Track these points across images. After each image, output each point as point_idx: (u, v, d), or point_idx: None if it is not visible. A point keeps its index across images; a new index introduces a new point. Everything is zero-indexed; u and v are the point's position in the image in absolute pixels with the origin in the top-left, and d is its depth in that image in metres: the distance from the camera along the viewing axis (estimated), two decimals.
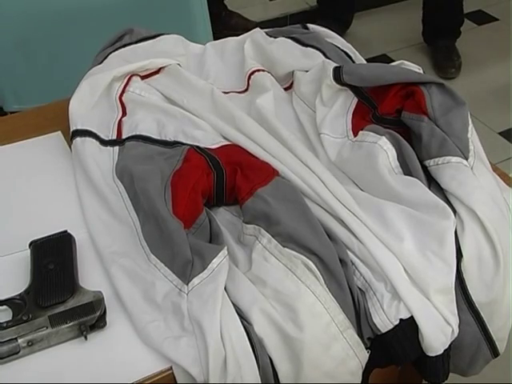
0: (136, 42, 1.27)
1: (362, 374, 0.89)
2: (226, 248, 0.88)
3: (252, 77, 1.24)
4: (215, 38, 1.48)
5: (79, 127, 1.10)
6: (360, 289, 0.90)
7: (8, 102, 1.61)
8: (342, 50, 1.30)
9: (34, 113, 1.25)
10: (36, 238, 0.94)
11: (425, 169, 1.01)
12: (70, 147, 1.13)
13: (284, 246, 0.89)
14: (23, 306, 0.85)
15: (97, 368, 0.82)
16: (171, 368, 0.82)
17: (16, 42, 1.60)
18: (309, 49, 1.28)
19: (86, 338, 0.83)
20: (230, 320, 0.83)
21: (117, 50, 1.24)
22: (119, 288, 0.89)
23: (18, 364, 0.82)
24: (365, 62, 1.29)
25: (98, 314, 0.84)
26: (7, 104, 1.62)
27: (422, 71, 1.15)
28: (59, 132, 1.18)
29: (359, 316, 0.88)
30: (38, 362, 0.82)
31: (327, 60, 1.21)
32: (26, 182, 1.08)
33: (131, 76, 1.19)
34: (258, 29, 1.34)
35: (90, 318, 0.83)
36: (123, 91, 1.17)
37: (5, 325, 0.83)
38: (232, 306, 0.84)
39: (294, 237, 0.90)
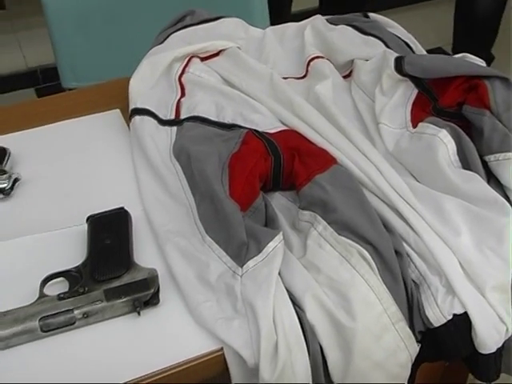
0: (197, 24, 1.27)
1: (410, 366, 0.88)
2: (281, 233, 0.88)
3: (311, 63, 1.23)
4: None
5: (138, 106, 1.11)
6: (414, 282, 0.89)
7: (66, 78, 1.63)
8: (403, 41, 1.29)
9: (94, 90, 1.27)
10: (93, 213, 0.95)
11: (484, 164, 1.00)
12: (128, 125, 1.14)
13: (339, 234, 0.89)
14: (79, 279, 0.86)
15: (148, 344, 0.83)
16: (222, 349, 0.82)
17: (76, 20, 1.61)
18: (370, 37, 1.26)
19: (139, 313, 0.84)
20: (283, 305, 0.83)
21: (178, 30, 1.25)
22: (173, 266, 0.89)
23: (73, 334, 0.83)
24: (425, 53, 1.28)
25: (152, 291, 0.84)
26: (65, 81, 1.63)
27: (485, 65, 1.13)
28: (118, 110, 1.19)
29: (412, 309, 0.87)
30: (92, 334, 0.83)
31: (388, 50, 1.20)
32: (85, 157, 1.09)
33: (191, 57, 1.19)
34: (318, 15, 1.33)
35: (144, 294, 0.84)
36: (183, 72, 1.17)
37: (62, 296, 0.84)
38: (285, 291, 0.84)
39: (350, 225, 0.89)
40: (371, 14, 1.35)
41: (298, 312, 0.83)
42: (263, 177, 0.97)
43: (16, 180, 1.02)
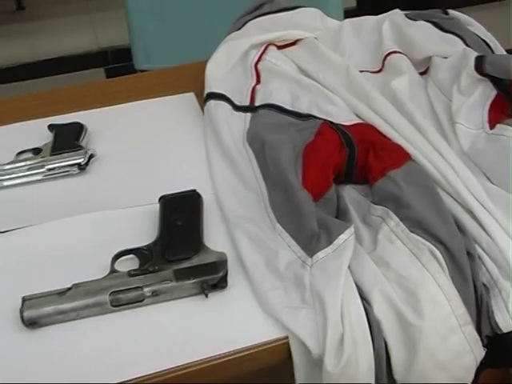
0: (275, 12, 1.27)
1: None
2: (353, 226, 0.88)
3: (388, 58, 1.21)
4: None
5: (214, 90, 1.12)
6: (484, 285, 0.87)
7: (139, 60, 1.65)
8: (483, 40, 1.26)
9: (169, 72, 1.28)
10: (164, 193, 0.96)
11: None
12: (202, 109, 1.14)
13: (411, 232, 0.88)
14: (150, 257, 0.87)
15: (214, 327, 0.83)
16: (287, 337, 0.82)
17: (152, 2, 1.63)
18: (449, 35, 1.24)
19: (206, 296, 0.85)
20: (351, 298, 0.82)
21: (256, 18, 1.25)
22: (242, 252, 0.89)
23: (140, 311, 0.84)
24: (505, 53, 1.25)
25: (220, 274, 0.85)
26: (138, 62, 1.65)
27: None
28: (192, 93, 1.19)
29: (480, 312, 0.86)
30: (159, 313, 0.84)
31: (468, 48, 1.18)
32: (158, 138, 1.10)
33: (268, 45, 1.19)
34: (397, 10, 1.32)
35: (212, 277, 0.85)
36: (259, 59, 1.17)
37: (132, 272, 0.85)
38: (354, 285, 0.84)
39: (423, 223, 0.88)
40: (451, 11, 1.33)
41: (365, 306, 0.82)
42: (336, 168, 0.97)
43: (91, 156, 1.04)
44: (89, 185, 1.02)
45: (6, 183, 1.01)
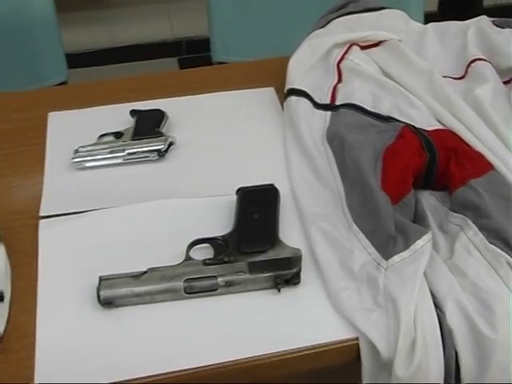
0: (360, 12, 1.26)
1: None
2: (431, 232, 0.87)
3: (472, 65, 1.19)
4: None
5: (296, 86, 1.12)
6: None
7: (217, 52, 1.66)
8: None
9: (250, 65, 1.28)
10: (241, 185, 0.97)
11: None
12: (281, 104, 1.14)
13: (490, 242, 0.86)
14: (225, 248, 0.88)
15: (284, 322, 0.83)
16: (357, 338, 0.82)
17: None
18: None
19: (279, 290, 0.85)
20: (425, 305, 0.81)
21: (340, 16, 1.24)
22: (317, 249, 0.89)
23: (213, 300, 0.85)
24: None
25: (294, 270, 0.85)
26: (216, 54, 1.66)
27: None
28: (272, 88, 1.20)
29: None
30: (231, 303, 0.85)
31: None
32: (237, 130, 1.11)
33: (351, 45, 1.19)
34: (484, 16, 1.29)
35: (286, 272, 0.85)
36: (342, 58, 1.16)
37: (207, 261, 0.86)
38: (428, 291, 0.83)
39: (503, 234, 0.87)
40: None
41: (438, 314, 0.82)
42: (416, 173, 0.96)
43: (171, 143, 1.05)
44: (167, 171, 1.03)
45: (87, 164, 1.03)
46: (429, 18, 1.37)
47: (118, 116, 1.12)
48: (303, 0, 1.65)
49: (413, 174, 0.95)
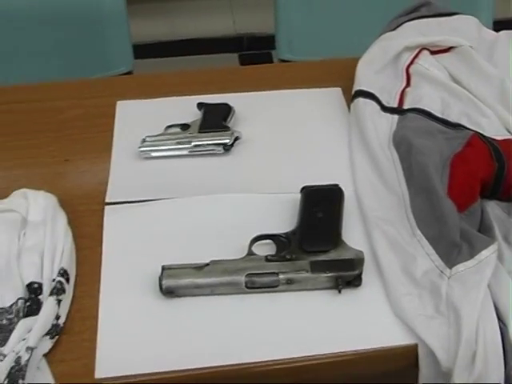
0: (432, 16, 1.24)
1: None
2: (497, 243, 0.85)
3: None
4: None
5: (364, 88, 1.11)
6: None
7: (281, 49, 1.66)
8: None
9: (316, 65, 1.28)
10: (305, 184, 0.97)
11: None
12: (347, 105, 1.14)
13: None
14: (287, 245, 0.88)
15: (343, 323, 0.83)
16: (416, 345, 0.81)
17: None
18: None
19: (339, 291, 0.85)
20: (488, 316, 0.80)
21: (412, 20, 1.23)
22: (379, 253, 0.89)
23: (273, 297, 0.85)
24: None
25: (356, 272, 0.85)
26: (280, 52, 1.66)
27: None
28: (339, 88, 1.19)
29: None
30: (291, 301, 0.85)
31: None
32: (302, 128, 1.11)
33: (422, 49, 1.17)
34: None
35: (348, 274, 0.85)
36: (411, 62, 1.15)
37: (269, 258, 0.86)
38: (492, 303, 0.82)
39: None
40: None
41: (500, 327, 0.80)
42: (484, 182, 0.94)
43: (237, 138, 1.05)
44: (232, 166, 1.03)
45: (153, 154, 1.04)
46: (499, 25, 1.35)
47: (184, 108, 1.13)
48: (370, 2, 1.64)
49: (480, 183, 0.93)
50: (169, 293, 0.84)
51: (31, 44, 1.49)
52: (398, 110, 1.08)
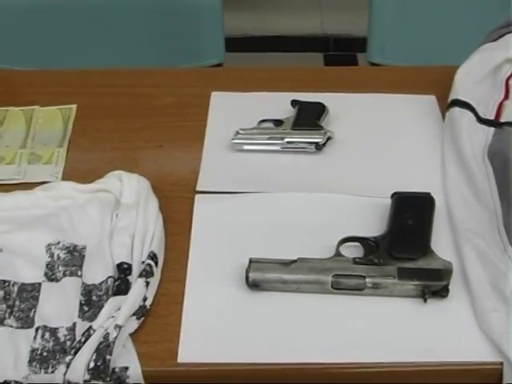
0: None
1: None
2: None
3: None
4: None
5: (460, 98, 1.09)
6: None
7: (373, 52, 1.64)
8: None
9: (411, 70, 1.26)
10: (395, 190, 0.96)
11: None
12: (441, 113, 1.12)
13: None
14: (375, 249, 0.88)
15: (426, 333, 0.82)
16: (501, 363, 0.79)
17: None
18: None
19: (425, 301, 0.84)
20: None
21: None
22: (468, 266, 0.87)
23: (357, 300, 0.85)
24: None
25: (444, 283, 0.84)
26: (371, 54, 1.65)
27: None
28: (434, 96, 1.18)
29: None
30: (375, 305, 0.84)
31: None
32: (394, 133, 1.10)
33: None
34: None
35: (435, 284, 0.84)
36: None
37: (357, 260, 0.86)
38: None
39: None
40: None
41: None
42: None
43: (329, 138, 1.05)
44: (323, 165, 1.03)
45: (245, 147, 1.05)
46: None
47: (277, 103, 1.13)
48: (466, 11, 1.61)
49: None
50: (254, 286, 0.85)
51: (128, 31, 1.52)
52: (495, 123, 1.06)
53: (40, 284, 0.85)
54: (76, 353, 0.77)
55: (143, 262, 0.86)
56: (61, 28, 1.49)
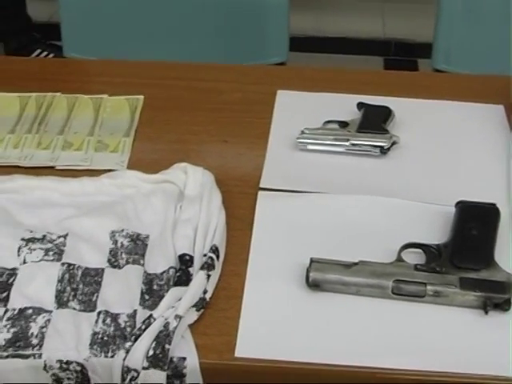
0: None
1: None
2: None
3: None
4: None
5: None
6: None
7: (438, 59, 1.62)
8: None
9: (478, 79, 1.25)
10: (460, 198, 0.95)
11: None
12: (509, 123, 1.11)
13: None
14: (437, 257, 0.87)
15: (485, 345, 0.81)
16: None
17: (466, 5, 1.60)
18: None
19: (486, 313, 0.83)
20: None
21: None
22: None
23: (417, 307, 0.84)
24: None
25: (507, 296, 0.83)
26: (436, 61, 1.62)
27: None
28: (502, 106, 1.16)
29: None
30: (435, 314, 0.84)
31: None
32: (460, 141, 1.10)
33: None
34: None
35: (498, 296, 0.83)
36: None
37: (418, 267, 0.85)
38: None
39: None
40: None
41: None
42: None
43: (394, 142, 1.05)
44: (386, 169, 1.03)
45: (310, 147, 1.05)
46: None
47: (342, 105, 1.13)
48: None
49: None
50: (314, 286, 0.85)
51: (195, 26, 1.53)
52: None
53: (103, 270, 0.87)
54: (136, 340, 0.78)
55: (205, 255, 0.86)
56: (130, 21, 1.51)
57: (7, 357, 0.78)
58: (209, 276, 0.84)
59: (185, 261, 0.86)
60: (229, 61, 1.40)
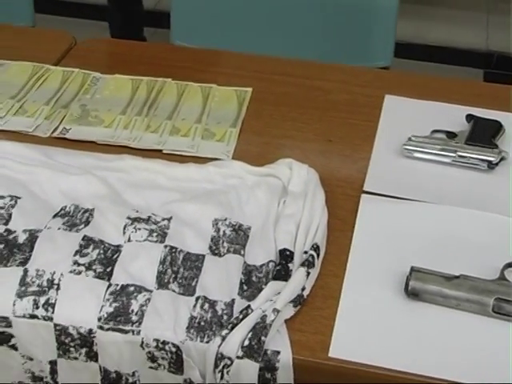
0: None
1: None
2: None
3: None
4: None
5: None
6: None
7: None
8: None
9: None
10: None
11: None
12: None
13: None
14: None
15: None
16: None
17: None
18: None
19: None
20: None
21: None
22: None
23: None
24: None
25: None
26: None
27: None
28: None
29: None
30: None
31: None
32: None
33: None
34: None
35: None
36: None
37: None
38: None
39: None
40: None
41: None
42: None
43: (503, 158, 1.03)
44: (493, 184, 1.01)
45: (416, 154, 1.04)
46: None
47: (450, 115, 1.12)
48: None
49: None
50: (413, 295, 0.84)
51: (303, 24, 1.54)
52: None
53: (204, 256, 0.88)
54: (233, 328, 0.79)
55: (305, 252, 0.87)
56: (237, 14, 1.53)
57: (108, 329, 0.80)
58: (308, 273, 0.84)
59: (285, 256, 0.87)
60: (332, 60, 1.40)
